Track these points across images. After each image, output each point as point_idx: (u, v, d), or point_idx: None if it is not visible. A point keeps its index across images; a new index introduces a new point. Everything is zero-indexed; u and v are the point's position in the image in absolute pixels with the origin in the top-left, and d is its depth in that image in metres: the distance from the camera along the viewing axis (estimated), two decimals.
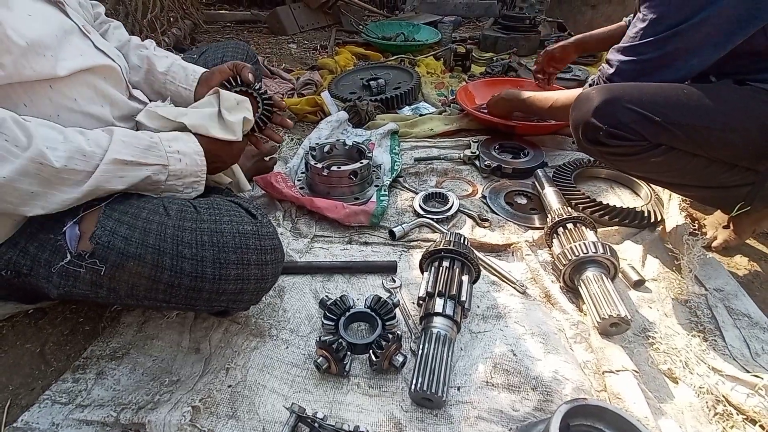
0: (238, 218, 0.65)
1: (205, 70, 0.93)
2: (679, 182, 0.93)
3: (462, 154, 1.34)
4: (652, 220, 1.04)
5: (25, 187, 0.54)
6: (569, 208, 1.00)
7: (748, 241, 1.04)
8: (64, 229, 0.62)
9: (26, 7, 0.62)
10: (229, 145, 0.77)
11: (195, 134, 0.73)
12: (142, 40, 0.96)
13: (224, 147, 0.77)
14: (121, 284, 0.61)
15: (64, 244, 0.61)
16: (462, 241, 0.85)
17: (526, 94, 1.29)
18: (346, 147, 1.25)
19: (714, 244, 1.00)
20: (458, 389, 0.69)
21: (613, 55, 0.91)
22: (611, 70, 0.91)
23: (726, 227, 1.00)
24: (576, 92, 1.06)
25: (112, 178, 0.61)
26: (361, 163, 1.14)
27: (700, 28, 0.78)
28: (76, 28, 0.71)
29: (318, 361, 0.69)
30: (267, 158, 1.28)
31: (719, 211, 1.03)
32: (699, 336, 0.78)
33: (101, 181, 0.60)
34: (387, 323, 0.77)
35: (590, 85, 0.97)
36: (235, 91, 0.84)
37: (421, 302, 0.78)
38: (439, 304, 0.74)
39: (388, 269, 0.93)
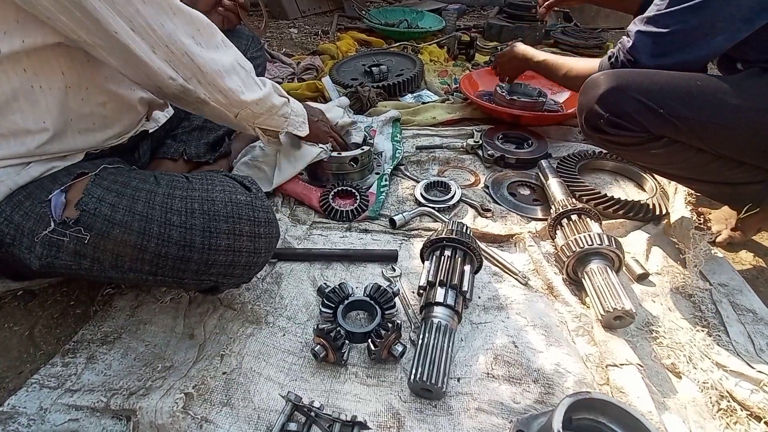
0: (231, 188, 0.63)
1: None
2: (682, 175, 0.91)
3: (465, 143, 1.31)
4: (657, 213, 1.03)
5: (267, 104, 0.81)
6: (573, 200, 0.98)
7: (753, 237, 1.02)
8: (50, 196, 0.59)
9: None
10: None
11: None
12: None
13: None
14: (105, 254, 0.59)
15: (48, 212, 0.59)
16: (464, 231, 0.83)
17: (542, 55, 1.22)
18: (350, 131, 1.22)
19: (718, 239, 0.99)
20: (458, 380, 0.67)
21: (634, 26, 0.84)
22: (629, 43, 0.85)
23: (735, 229, 0.96)
24: (593, 63, 1.01)
25: (275, 96, 0.84)
26: (362, 149, 1.12)
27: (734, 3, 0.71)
28: None
29: (315, 349, 0.68)
30: None
31: (726, 206, 1.01)
32: (703, 331, 0.77)
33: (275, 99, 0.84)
34: (386, 312, 0.75)
35: (609, 58, 0.92)
36: None
37: (421, 291, 0.76)
38: (440, 294, 0.72)
39: (389, 258, 0.91)
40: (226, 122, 0.79)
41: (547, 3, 1.35)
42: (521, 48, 1.30)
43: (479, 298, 0.83)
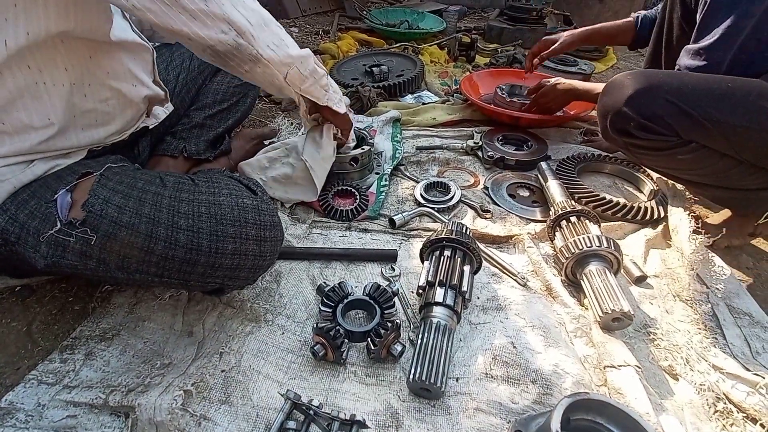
0: (237, 192, 0.64)
1: None
2: (700, 181, 0.89)
3: (465, 145, 1.32)
4: (656, 216, 1.03)
5: (310, 66, 0.80)
6: (572, 202, 0.99)
7: (750, 241, 1.03)
8: (56, 196, 0.59)
9: None
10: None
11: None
12: None
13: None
14: (111, 255, 0.59)
15: (54, 212, 0.58)
16: (464, 231, 0.83)
17: (599, 87, 1.15)
18: None
19: (716, 242, 0.99)
20: (457, 380, 0.68)
21: (684, 60, 0.83)
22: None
23: (752, 235, 0.95)
24: None
25: (315, 61, 0.82)
26: (362, 149, 1.12)
27: None
28: (118, 10, 0.74)
29: (314, 348, 0.68)
30: (266, 142, 1.25)
31: (726, 210, 1.02)
32: (700, 333, 0.77)
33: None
34: (386, 312, 0.75)
35: None
36: None
37: (420, 291, 0.76)
38: (439, 294, 0.72)
39: (388, 258, 0.91)
40: (274, 88, 0.78)
41: (536, 59, 1.40)
42: (566, 84, 1.26)
43: (478, 298, 0.83)
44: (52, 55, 0.59)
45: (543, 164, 1.15)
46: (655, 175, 1.14)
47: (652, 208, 1.04)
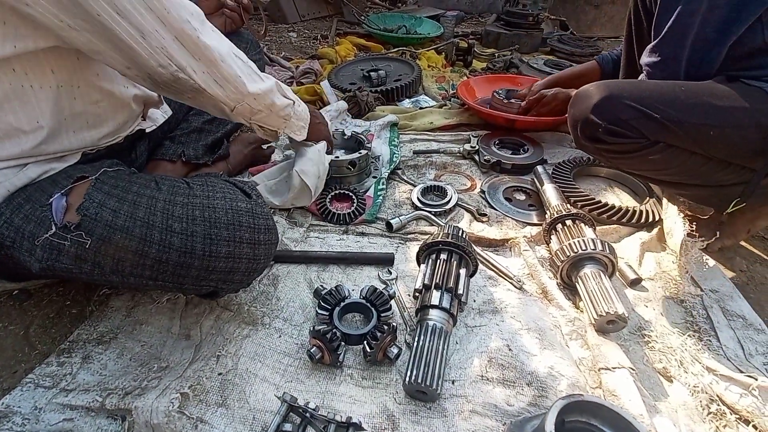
0: (232, 195, 0.64)
1: None
2: (675, 180, 0.93)
3: (461, 149, 1.33)
4: (651, 220, 1.04)
5: (267, 101, 0.79)
6: (568, 205, 0.99)
7: (743, 244, 1.04)
8: (51, 200, 0.60)
9: None
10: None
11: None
12: None
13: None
14: (106, 259, 0.59)
15: (49, 216, 0.59)
16: (460, 234, 0.84)
17: None
18: (345, 137, 1.23)
19: (709, 245, 1.00)
20: (453, 383, 0.68)
21: (644, 59, 0.89)
22: (643, 75, 0.90)
23: (722, 223, 1.00)
24: None
25: (276, 95, 0.81)
26: (360, 153, 1.13)
27: (713, 11, 0.76)
28: None
29: (311, 350, 0.68)
30: (265, 146, 1.26)
31: (715, 212, 1.03)
32: (694, 336, 0.78)
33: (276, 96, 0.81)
34: (382, 314, 0.76)
35: None
36: None
37: (417, 294, 0.77)
38: (435, 297, 0.73)
39: (385, 261, 0.92)
40: (222, 114, 0.76)
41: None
42: (566, 93, 1.31)
43: (474, 301, 0.83)
44: (38, 59, 0.59)
45: (539, 168, 1.16)
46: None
47: (647, 211, 1.05)
